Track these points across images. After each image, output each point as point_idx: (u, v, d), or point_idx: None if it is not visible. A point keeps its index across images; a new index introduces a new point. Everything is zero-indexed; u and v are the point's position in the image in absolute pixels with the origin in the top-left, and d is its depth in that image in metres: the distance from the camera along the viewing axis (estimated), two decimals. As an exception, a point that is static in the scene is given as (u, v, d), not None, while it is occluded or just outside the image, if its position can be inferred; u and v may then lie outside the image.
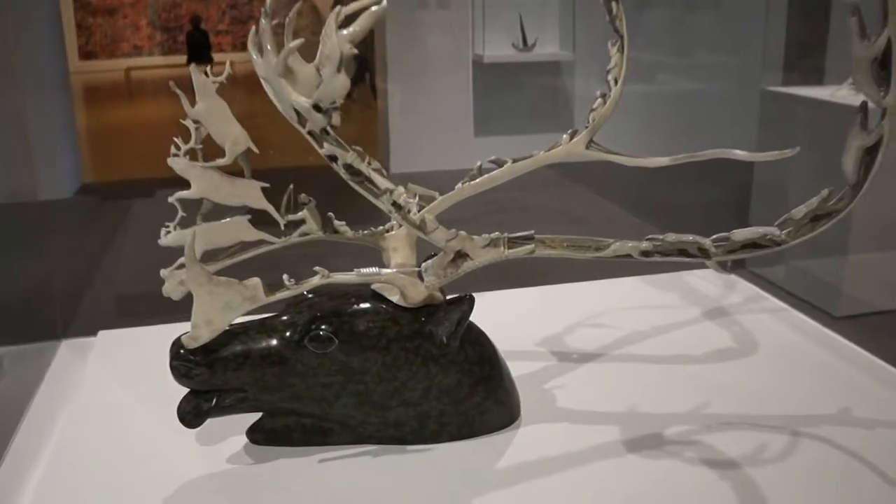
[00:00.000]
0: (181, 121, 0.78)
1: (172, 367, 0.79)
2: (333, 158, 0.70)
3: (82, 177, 4.74)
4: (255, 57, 0.71)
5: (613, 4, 0.77)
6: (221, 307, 0.77)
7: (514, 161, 0.80)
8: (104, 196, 4.51)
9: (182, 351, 0.79)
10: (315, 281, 0.79)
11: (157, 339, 0.81)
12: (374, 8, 0.70)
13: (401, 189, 0.75)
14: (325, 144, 0.69)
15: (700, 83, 5.06)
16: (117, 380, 1.04)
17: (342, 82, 0.64)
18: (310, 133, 0.69)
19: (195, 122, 0.78)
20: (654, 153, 0.79)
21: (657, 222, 3.48)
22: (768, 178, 3.15)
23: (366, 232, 0.86)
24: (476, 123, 5.15)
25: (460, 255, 0.80)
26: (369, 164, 0.91)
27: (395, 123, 5.00)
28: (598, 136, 0.79)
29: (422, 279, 0.82)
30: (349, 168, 0.70)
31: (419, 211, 0.80)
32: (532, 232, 0.81)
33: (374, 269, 0.81)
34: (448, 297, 0.84)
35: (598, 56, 0.82)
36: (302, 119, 0.68)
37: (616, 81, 0.78)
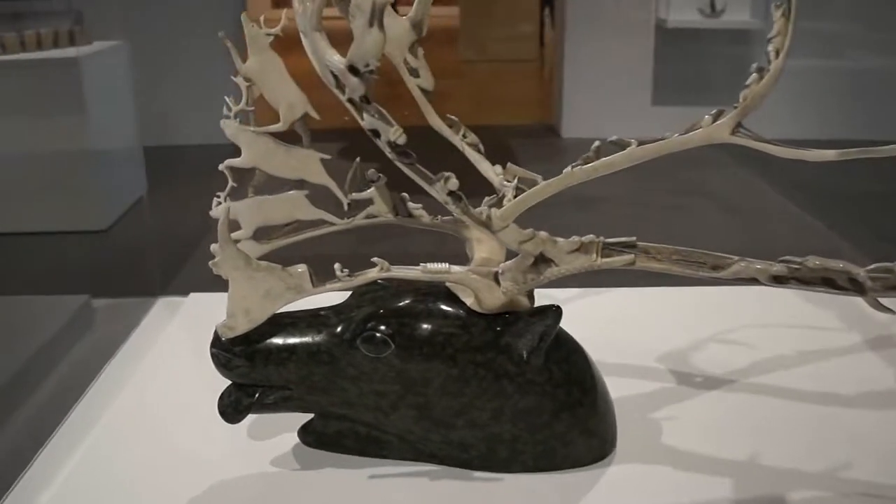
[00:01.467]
0: (232, 77, 0.68)
1: (212, 355, 0.71)
2: (377, 133, 0.57)
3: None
4: (296, 5, 0.59)
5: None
6: (262, 295, 0.67)
7: (640, 144, 0.65)
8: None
9: (223, 339, 0.70)
10: (372, 274, 0.67)
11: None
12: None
13: (459, 180, 0.61)
14: (366, 116, 0.56)
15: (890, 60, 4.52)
16: (189, 348, 0.98)
17: (375, 39, 0.51)
18: (349, 101, 0.57)
19: (247, 80, 0.68)
20: (823, 141, 0.62)
21: (824, 215, 3.06)
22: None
23: (446, 218, 0.73)
24: (654, 91, 4.87)
25: (544, 260, 0.66)
26: (464, 136, 0.79)
27: (569, 84, 4.79)
28: (750, 118, 0.63)
29: (498, 282, 0.69)
30: (394, 147, 0.57)
31: (516, 196, 0.68)
32: (633, 238, 0.66)
33: (443, 266, 0.68)
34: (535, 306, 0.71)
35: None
36: (340, 83, 0.56)
37: (777, 53, 0.62)
